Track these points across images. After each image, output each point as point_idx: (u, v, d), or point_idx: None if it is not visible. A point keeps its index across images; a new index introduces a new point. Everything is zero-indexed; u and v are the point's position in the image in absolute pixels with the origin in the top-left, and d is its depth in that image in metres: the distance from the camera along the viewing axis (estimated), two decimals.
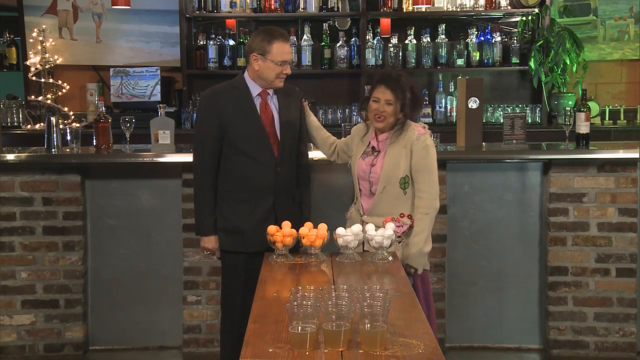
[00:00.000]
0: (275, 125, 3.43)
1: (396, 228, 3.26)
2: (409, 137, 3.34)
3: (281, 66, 3.34)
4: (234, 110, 3.38)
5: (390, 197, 3.35)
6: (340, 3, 6.17)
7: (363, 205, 3.42)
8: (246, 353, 2.01)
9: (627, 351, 4.24)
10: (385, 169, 3.33)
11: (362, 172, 3.41)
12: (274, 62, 3.33)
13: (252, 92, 3.42)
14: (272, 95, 3.46)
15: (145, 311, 4.37)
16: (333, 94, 6.34)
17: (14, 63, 6.69)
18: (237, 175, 3.40)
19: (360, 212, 3.42)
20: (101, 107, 4.52)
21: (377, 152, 3.41)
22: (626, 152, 4.20)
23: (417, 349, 2.03)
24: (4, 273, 4.23)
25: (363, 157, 3.44)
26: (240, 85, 3.44)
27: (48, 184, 4.23)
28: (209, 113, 3.41)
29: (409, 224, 3.31)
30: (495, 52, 6.16)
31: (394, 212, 3.31)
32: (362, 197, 3.44)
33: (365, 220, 3.35)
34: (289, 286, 2.60)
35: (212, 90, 3.48)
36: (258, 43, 3.36)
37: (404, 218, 3.30)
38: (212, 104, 3.42)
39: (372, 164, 3.39)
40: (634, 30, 6.32)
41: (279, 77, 3.37)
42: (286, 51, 3.36)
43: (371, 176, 3.38)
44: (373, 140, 3.44)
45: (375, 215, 3.35)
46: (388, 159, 3.33)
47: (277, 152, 3.41)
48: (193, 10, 6.22)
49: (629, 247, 4.21)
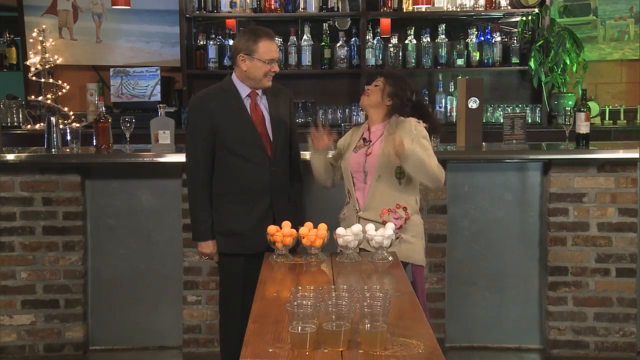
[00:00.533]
0: (267, 125, 3.43)
1: (394, 220, 3.27)
2: (406, 127, 3.36)
3: (269, 64, 3.34)
4: (224, 113, 3.37)
5: (386, 187, 3.35)
6: (340, 3, 6.17)
7: (359, 200, 3.41)
8: (246, 353, 2.01)
9: (627, 351, 4.24)
10: (382, 156, 3.33)
11: (356, 164, 3.42)
12: (262, 60, 3.33)
13: (241, 94, 3.41)
14: (261, 95, 3.45)
15: (145, 311, 4.37)
16: (333, 94, 6.34)
17: (14, 63, 6.70)
18: (232, 178, 3.40)
19: (355, 208, 3.41)
20: (101, 107, 4.52)
21: (369, 143, 3.42)
22: (626, 152, 4.20)
23: (417, 349, 2.02)
24: (4, 273, 4.24)
25: (355, 150, 3.45)
26: (229, 87, 3.43)
27: (48, 184, 4.23)
28: (200, 117, 3.39)
29: (404, 216, 3.33)
30: (495, 52, 6.16)
31: (390, 204, 3.33)
32: (356, 192, 3.43)
33: (361, 215, 3.35)
34: (289, 286, 2.60)
35: (201, 94, 3.47)
36: (244, 43, 3.35)
37: (400, 209, 3.32)
38: (202, 108, 3.40)
39: (367, 154, 3.40)
40: (634, 30, 6.32)
41: (267, 75, 3.36)
42: (273, 49, 3.36)
43: (366, 166, 3.38)
44: (366, 133, 3.47)
45: (372, 209, 3.35)
46: (385, 147, 3.32)
47: (271, 151, 3.41)
48: (193, 10, 6.22)
49: (629, 247, 4.22)
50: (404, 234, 3.35)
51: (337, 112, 6.20)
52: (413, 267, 3.39)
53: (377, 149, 3.38)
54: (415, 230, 3.41)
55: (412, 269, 3.39)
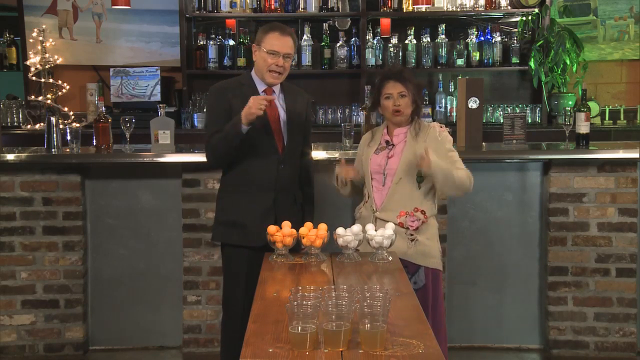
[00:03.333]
0: (281, 123, 3.44)
1: (410, 222, 3.25)
2: (431, 134, 3.35)
3: (271, 56, 3.34)
4: (241, 105, 3.38)
5: (405, 191, 3.32)
6: (340, 3, 6.17)
7: (376, 201, 3.38)
8: (246, 353, 2.01)
9: (627, 351, 4.24)
10: (404, 159, 3.31)
11: (377, 166, 3.39)
12: (265, 51, 3.34)
13: (258, 89, 3.44)
14: (278, 93, 3.47)
15: (145, 311, 4.37)
16: (333, 94, 6.34)
17: (14, 63, 6.70)
18: (240, 170, 3.41)
19: (372, 208, 3.38)
20: (101, 107, 4.51)
21: (392, 146, 3.39)
22: (626, 152, 4.20)
23: (417, 349, 2.02)
24: (4, 273, 4.24)
25: (377, 152, 3.42)
26: (247, 82, 3.47)
27: (48, 184, 4.23)
28: (219, 102, 3.42)
29: (422, 219, 3.29)
30: (495, 52, 6.16)
31: (408, 207, 3.29)
32: (375, 193, 3.39)
33: (378, 216, 3.32)
34: (289, 286, 2.60)
35: (221, 84, 3.51)
36: (259, 34, 3.42)
37: (417, 213, 3.28)
38: (222, 95, 3.44)
39: (389, 156, 3.37)
40: (634, 30, 6.32)
41: (270, 69, 3.36)
42: (279, 42, 3.34)
43: (387, 168, 3.36)
44: (386, 136, 3.43)
45: (390, 210, 3.32)
46: (407, 151, 3.31)
47: (281, 149, 3.42)
48: (193, 10, 6.22)
49: (629, 247, 4.22)
50: (420, 235, 3.31)
51: (337, 112, 6.20)
52: (426, 270, 3.33)
53: (399, 151, 3.36)
54: (431, 232, 3.37)
55: (426, 272, 3.33)
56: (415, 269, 3.28)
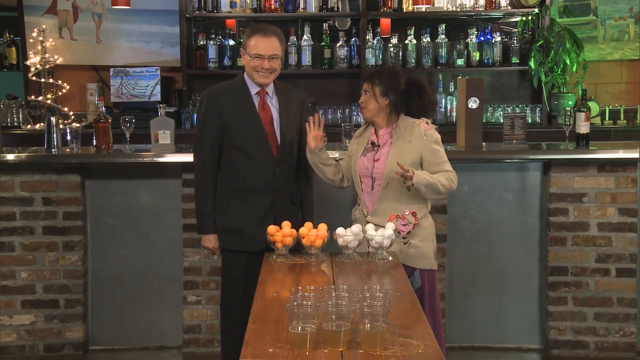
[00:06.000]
0: (275, 124, 3.43)
1: (401, 227, 3.24)
2: (416, 133, 3.32)
3: (256, 59, 3.34)
4: (234, 109, 3.39)
5: (394, 194, 3.31)
6: (340, 3, 6.17)
7: (367, 205, 3.39)
8: (246, 353, 2.01)
9: (627, 351, 4.24)
10: (390, 163, 3.29)
11: (364, 169, 3.39)
12: (249, 54, 3.36)
13: (250, 91, 3.43)
14: (271, 95, 3.47)
15: (145, 311, 4.37)
16: (333, 94, 6.34)
17: (14, 63, 6.70)
18: (236, 174, 3.41)
19: (364, 212, 3.39)
20: (101, 107, 4.51)
21: (377, 147, 3.38)
22: (626, 152, 4.20)
23: (417, 349, 2.02)
24: (4, 273, 4.24)
25: (364, 154, 3.41)
26: (240, 84, 3.46)
27: (48, 184, 4.23)
28: (211, 111, 3.42)
29: (413, 222, 3.27)
30: (495, 52, 6.16)
31: (399, 210, 3.27)
32: (365, 197, 3.40)
33: (369, 220, 3.29)
34: (289, 286, 2.60)
35: (213, 89, 3.51)
36: (244, 37, 3.44)
37: (408, 215, 3.26)
38: (213, 102, 3.43)
39: (375, 159, 3.36)
40: (634, 30, 6.32)
41: (256, 70, 3.37)
42: (261, 45, 3.33)
43: (374, 172, 3.35)
44: (372, 136, 3.42)
45: (380, 215, 3.30)
46: (393, 153, 3.30)
47: (276, 151, 3.41)
48: (193, 10, 6.22)
49: (629, 247, 4.22)
50: (412, 239, 3.30)
51: (337, 112, 6.20)
52: (421, 272, 3.34)
53: (384, 154, 3.34)
54: (424, 233, 3.35)
55: (421, 273, 3.34)
56: (410, 271, 3.27)
